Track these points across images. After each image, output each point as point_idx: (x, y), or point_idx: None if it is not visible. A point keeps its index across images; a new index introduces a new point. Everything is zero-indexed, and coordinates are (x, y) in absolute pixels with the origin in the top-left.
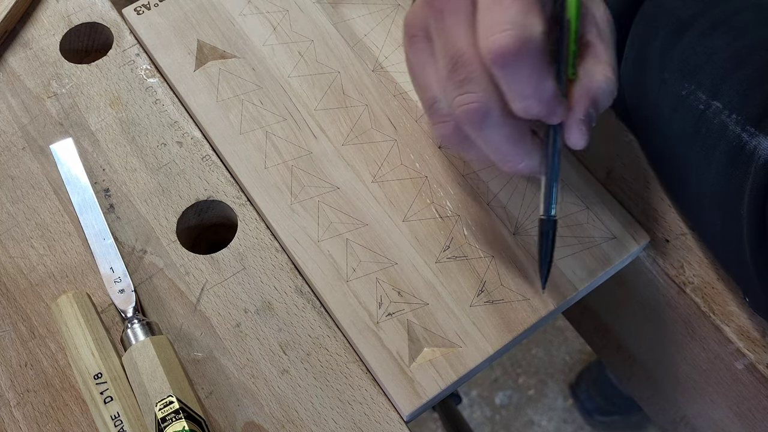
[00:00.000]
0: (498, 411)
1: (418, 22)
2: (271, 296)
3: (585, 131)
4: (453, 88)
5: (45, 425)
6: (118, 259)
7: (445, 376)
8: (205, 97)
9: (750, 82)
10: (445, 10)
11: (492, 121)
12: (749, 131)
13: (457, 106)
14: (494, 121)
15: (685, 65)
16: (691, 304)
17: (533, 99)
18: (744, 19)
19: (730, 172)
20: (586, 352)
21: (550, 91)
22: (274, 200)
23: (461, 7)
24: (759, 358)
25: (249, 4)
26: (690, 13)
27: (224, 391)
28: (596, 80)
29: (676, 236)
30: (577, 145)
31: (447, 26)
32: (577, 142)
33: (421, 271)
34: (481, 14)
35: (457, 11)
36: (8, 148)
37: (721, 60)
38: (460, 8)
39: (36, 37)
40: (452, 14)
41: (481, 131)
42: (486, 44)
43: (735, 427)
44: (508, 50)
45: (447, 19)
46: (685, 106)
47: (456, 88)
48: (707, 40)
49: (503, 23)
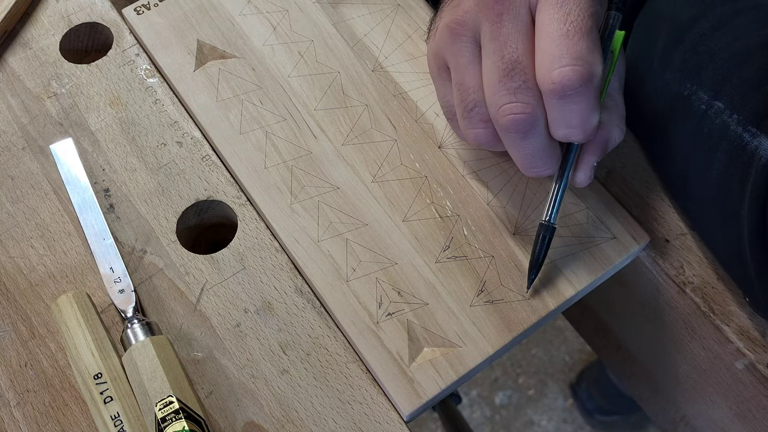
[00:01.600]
0: (498, 411)
1: (468, 22)
2: (271, 296)
3: (592, 175)
4: (504, 93)
5: (45, 425)
6: (118, 259)
7: (445, 376)
8: (204, 97)
9: (751, 83)
10: (504, 15)
11: (535, 133)
12: (750, 131)
13: (505, 114)
14: (537, 132)
15: (687, 66)
16: (691, 304)
17: (578, 129)
18: (745, 19)
19: (731, 173)
20: (586, 352)
21: (595, 125)
22: (274, 200)
23: (521, 15)
24: (759, 358)
25: (249, 4)
26: (691, 14)
27: (224, 391)
28: (614, 132)
29: (676, 236)
30: (582, 183)
31: (505, 32)
32: (582, 182)
33: (421, 271)
34: (546, 42)
35: (517, 19)
36: (8, 148)
37: (723, 60)
38: (520, 16)
39: (36, 37)
40: (511, 21)
41: (522, 141)
42: (551, 74)
43: (735, 427)
44: (572, 85)
45: (506, 24)
46: (687, 106)
47: (508, 94)
48: (708, 41)
49: (572, 58)
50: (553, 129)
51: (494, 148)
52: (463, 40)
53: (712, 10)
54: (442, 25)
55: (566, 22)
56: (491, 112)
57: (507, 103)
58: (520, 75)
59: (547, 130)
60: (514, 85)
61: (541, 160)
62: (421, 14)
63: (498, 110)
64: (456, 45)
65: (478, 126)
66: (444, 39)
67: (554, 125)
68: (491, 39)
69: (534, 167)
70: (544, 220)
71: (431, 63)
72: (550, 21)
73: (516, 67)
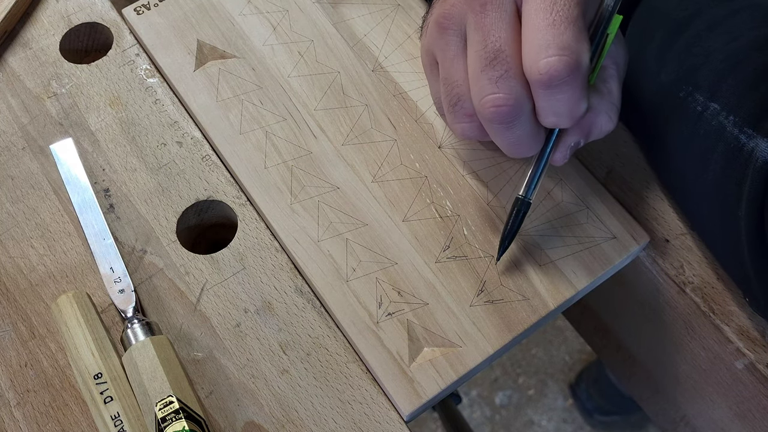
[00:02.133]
0: (498, 411)
1: (455, 15)
2: (271, 296)
3: (569, 155)
4: (486, 83)
5: (45, 425)
6: (118, 259)
7: (445, 376)
8: (204, 97)
9: (747, 84)
10: (488, 5)
11: (519, 122)
12: (747, 133)
13: (487, 105)
14: (521, 121)
15: (682, 67)
16: (691, 303)
17: (566, 117)
18: (740, 20)
19: (728, 174)
20: (586, 352)
21: (582, 112)
22: (274, 200)
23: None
24: (759, 358)
25: (249, 4)
26: (686, 15)
27: (224, 391)
28: (600, 118)
29: (676, 236)
30: (557, 162)
31: (488, 21)
32: (558, 161)
33: (421, 271)
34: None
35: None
36: (8, 148)
37: (718, 61)
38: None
39: (36, 37)
40: (495, 10)
41: (507, 131)
42: (538, 64)
43: (735, 427)
44: (559, 74)
45: (489, 13)
46: (683, 107)
47: (490, 84)
48: (704, 42)
49: (558, 47)
50: (541, 117)
51: (484, 139)
52: (449, 33)
53: (707, 10)
54: (431, 21)
55: (552, 12)
56: (475, 103)
57: (489, 94)
58: (502, 64)
59: (531, 117)
60: (496, 74)
61: (525, 146)
62: (421, 14)
63: (480, 101)
64: (443, 39)
65: (464, 120)
66: (433, 34)
67: (542, 114)
68: (475, 29)
69: (518, 151)
70: (520, 195)
71: (423, 59)
72: (536, 10)
73: (498, 56)
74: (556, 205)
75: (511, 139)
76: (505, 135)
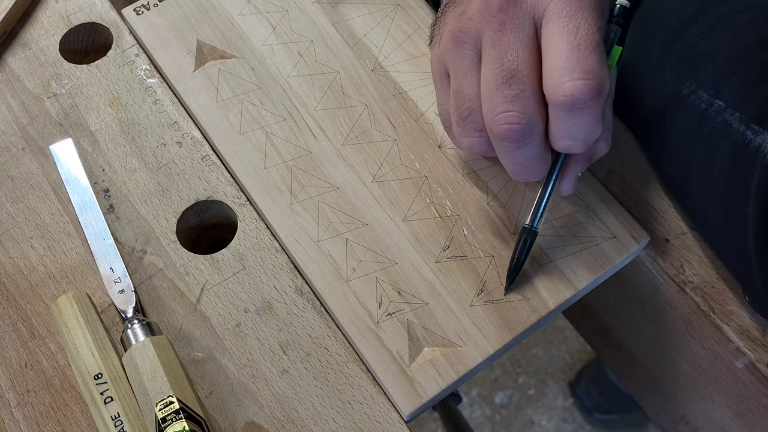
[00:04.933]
0: (498, 410)
1: (471, 30)
2: (271, 296)
3: (576, 183)
4: (501, 100)
5: (45, 425)
6: (118, 260)
7: (445, 376)
8: (204, 97)
9: (752, 81)
10: (507, 23)
11: (529, 143)
12: (753, 129)
13: (500, 122)
14: (531, 142)
15: (685, 65)
16: (691, 303)
17: (581, 142)
18: (743, 18)
19: (734, 171)
20: (586, 352)
21: (596, 138)
22: (274, 200)
23: (525, 26)
24: (759, 357)
25: (248, 4)
26: (689, 13)
27: (224, 391)
28: (601, 145)
29: (676, 236)
30: (565, 192)
31: (506, 40)
32: (566, 191)
33: (421, 270)
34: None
35: (520, 29)
36: (8, 149)
37: (722, 59)
38: (524, 27)
39: (35, 37)
40: (514, 30)
41: (516, 150)
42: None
43: (735, 426)
44: (583, 97)
45: (507, 32)
46: (687, 105)
47: (504, 102)
48: (707, 40)
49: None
50: (554, 140)
51: (490, 155)
52: (464, 47)
53: (709, 9)
54: (446, 32)
55: (576, 35)
56: (486, 119)
57: (503, 112)
58: (519, 83)
59: (541, 140)
60: (512, 93)
61: (532, 169)
62: (421, 14)
63: (493, 118)
64: (458, 52)
65: (473, 135)
66: (447, 46)
67: (557, 136)
68: (492, 46)
69: (524, 174)
70: (527, 224)
71: (435, 69)
72: (560, 33)
73: (515, 75)
74: (557, 205)
75: (519, 158)
76: (513, 154)
